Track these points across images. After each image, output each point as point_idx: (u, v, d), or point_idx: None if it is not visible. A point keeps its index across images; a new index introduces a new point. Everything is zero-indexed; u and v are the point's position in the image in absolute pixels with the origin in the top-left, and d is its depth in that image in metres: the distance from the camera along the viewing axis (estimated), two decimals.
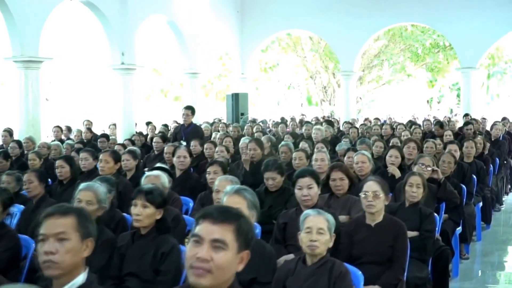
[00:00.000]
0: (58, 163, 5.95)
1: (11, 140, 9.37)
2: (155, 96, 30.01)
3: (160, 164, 6.00)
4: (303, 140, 8.94)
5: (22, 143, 9.10)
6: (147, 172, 5.04)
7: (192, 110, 9.90)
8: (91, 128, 12.20)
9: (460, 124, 13.94)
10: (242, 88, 18.22)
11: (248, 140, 7.53)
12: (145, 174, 4.90)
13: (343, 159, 6.70)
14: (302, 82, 30.14)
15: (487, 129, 12.78)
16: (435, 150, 7.55)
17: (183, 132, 9.83)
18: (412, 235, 4.44)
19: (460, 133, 11.25)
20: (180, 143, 8.66)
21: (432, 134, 11.02)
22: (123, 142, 9.75)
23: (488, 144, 9.10)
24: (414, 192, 4.73)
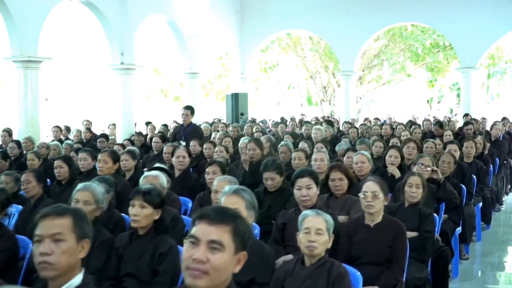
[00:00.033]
0: (56, 163, 5.94)
1: (10, 140, 9.36)
2: (155, 96, 30.00)
3: (159, 164, 5.98)
4: (303, 140, 8.92)
5: (21, 143, 9.09)
6: (146, 173, 5.02)
7: (191, 110, 9.87)
8: (90, 128, 12.18)
9: (460, 124, 13.93)
10: (242, 88, 18.19)
11: (248, 140, 7.51)
12: (143, 175, 4.88)
13: (343, 159, 6.68)
14: (302, 82, 30.11)
15: (487, 129, 12.76)
16: (435, 150, 7.53)
17: (182, 132, 9.80)
18: (412, 235, 4.43)
19: (460, 133, 11.23)
20: (179, 143, 8.65)
21: (432, 134, 11.00)
22: (123, 142, 9.72)
23: (488, 144, 9.09)
24: (414, 192, 4.71)
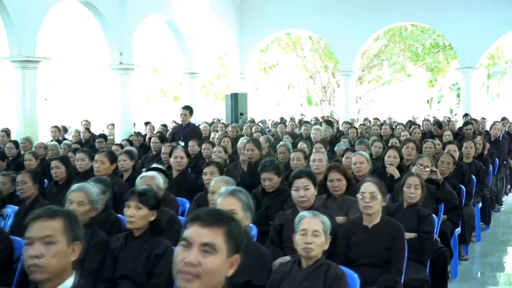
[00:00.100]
0: (53, 163, 5.91)
1: (8, 140, 9.32)
2: (154, 96, 29.98)
3: (156, 165, 5.94)
4: (302, 140, 8.89)
5: (19, 143, 9.05)
6: (142, 173, 4.99)
7: (190, 110, 9.82)
8: (89, 128, 12.15)
9: (460, 124, 13.89)
10: (241, 88, 18.15)
11: (246, 141, 7.47)
12: (140, 175, 4.85)
13: (342, 160, 6.65)
14: (301, 82, 30.08)
15: (486, 129, 12.72)
16: (434, 150, 7.50)
17: (181, 132, 9.76)
18: (410, 236, 4.39)
19: (460, 133, 11.20)
20: (178, 143, 8.61)
21: (431, 134, 10.96)
22: (121, 143, 9.69)
23: (488, 145, 9.05)
24: (412, 193, 4.68)
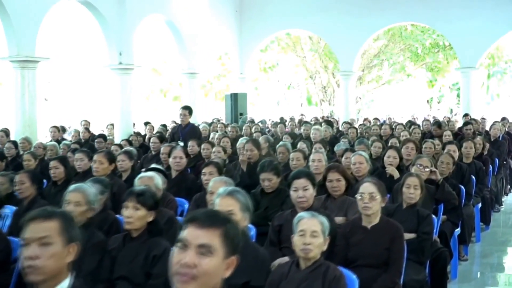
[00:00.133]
0: (52, 164, 5.90)
1: (7, 141, 9.31)
2: (154, 96, 29.97)
3: (155, 165, 5.92)
4: (302, 140, 8.87)
5: (18, 144, 9.04)
6: (141, 174, 4.97)
7: (189, 110, 9.80)
8: (89, 128, 12.13)
9: (460, 124, 13.88)
10: (241, 88, 18.14)
11: (245, 141, 7.45)
12: (138, 175, 4.83)
13: (341, 160, 6.64)
14: (301, 82, 30.07)
15: (486, 129, 12.70)
16: (434, 150, 7.49)
17: (180, 132, 9.74)
18: (409, 237, 4.38)
19: (460, 133, 11.18)
20: (177, 143, 8.60)
21: (431, 134, 10.94)
22: (120, 143, 9.67)
23: (488, 145, 9.03)
24: (412, 193, 4.66)
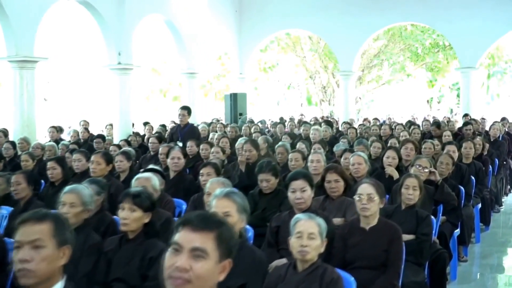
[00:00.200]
0: (49, 164, 5.88)
1: (5, 141, 9.28)
2: (154, 96, 29.95)
3: (153, 166, 5.90)
4: (301, 140, 8.83)
5: (16, 144, 9.01)
6: (138, 174, 4.94)
7: (188, 111, 9.76)
8: (88, 128, 12.10)
9: (460, 124, 13.84)
10: (241, 88, 18.11)
11: (244, 141, 7.43)
12: (135, 176, 4.80)
13: (340, 160, 6.61)
14: (301, 82, 30.04)
15: (486, 129, 12.67)
16: (433, 151, 7.46)
17: (179, 132, 9.70)
18: (408, 238, 4.36)
19: (460, 133, 11.15)
20: (176, 143, 8.57)
21: (431, 134, 10.91)
22: (119, 143, 9.64)
23: (487, 145, 8.99)
24: (410, 194, 4.63)
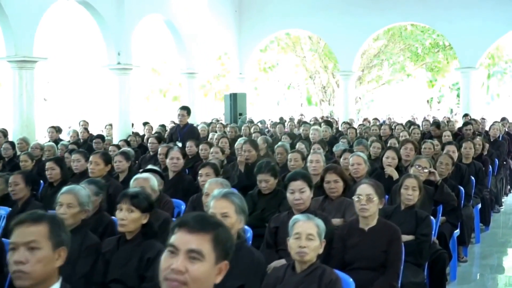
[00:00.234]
0: (48, 165, 5.87)
1: (4, 141, 9.27)
2: (154, 96, 29.92)
3: (151, 166, 5.88)
4: (300, 140, 8.81)
5: (16, 144, 9.00)
6: (137, 175, 4.93)
7: (187, 111, 9.74)
8: (87, 128, 12.09)
9: (460, 124, 13.83)
10: (241, 88, 18.09)
11: (243, 141, 7.41)
12: (134, 177, 4.79)
13: (340, 160, 6.59)
14: (301, 82, 30.01)
15: (486, 129, 12.66)
16: (433, 151, 7.44)
17: (178, 133, 9.69)
18: (408, 239, 4.34)
19: (459, 133, 11.13)
20: (175, 144, 8.55)
21: (430, 134, 10.90)
22: (118, 143, 9.63)
23: (487, 145, 8.98)
24: (410, 195, 4.61)
